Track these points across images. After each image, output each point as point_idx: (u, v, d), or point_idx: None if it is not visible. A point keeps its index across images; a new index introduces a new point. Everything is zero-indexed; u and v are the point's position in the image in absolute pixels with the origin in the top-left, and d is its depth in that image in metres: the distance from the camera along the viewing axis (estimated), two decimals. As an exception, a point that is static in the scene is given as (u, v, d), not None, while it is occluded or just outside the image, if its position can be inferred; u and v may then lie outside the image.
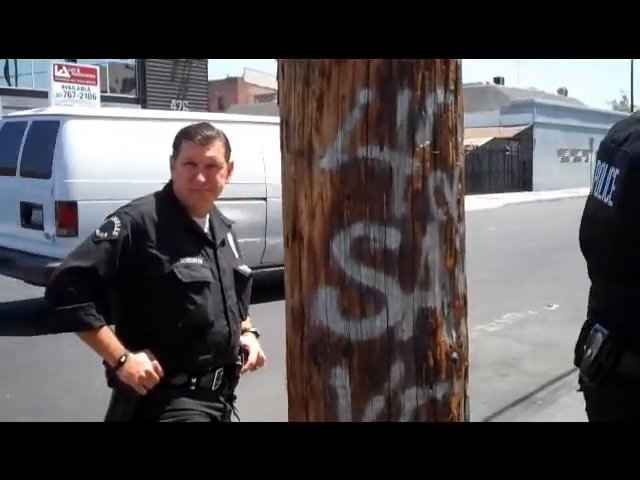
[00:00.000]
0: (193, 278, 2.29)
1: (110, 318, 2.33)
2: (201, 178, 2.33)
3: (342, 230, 1.67)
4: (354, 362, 1.70)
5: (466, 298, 1.83)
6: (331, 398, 1.74)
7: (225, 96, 64.05)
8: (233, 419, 2.46)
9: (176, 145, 2.39)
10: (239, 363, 2.45)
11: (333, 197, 1.67)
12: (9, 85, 29.00)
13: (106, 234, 2.26)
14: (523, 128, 33.85)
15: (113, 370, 2.25)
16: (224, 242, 2.46)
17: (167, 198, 2.40)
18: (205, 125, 2.42)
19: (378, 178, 1.64)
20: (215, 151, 2.37)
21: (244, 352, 2.49)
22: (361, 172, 1.65)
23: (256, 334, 2.61)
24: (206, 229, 2.42)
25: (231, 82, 66.18)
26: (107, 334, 2.25)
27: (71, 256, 2.29)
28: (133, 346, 2.27)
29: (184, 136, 2.37)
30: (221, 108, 61.53)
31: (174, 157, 2.39)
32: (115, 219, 2.29)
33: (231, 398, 2.45)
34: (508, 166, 34.40)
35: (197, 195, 2.36)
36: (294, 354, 1.81)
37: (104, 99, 26.31)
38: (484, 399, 4.89)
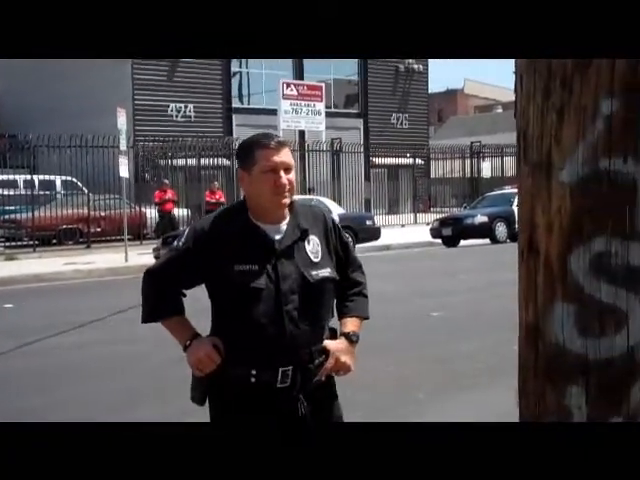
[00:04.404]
0: (243, 285, 2.47)
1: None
2: (285, 181, 2.51)
3: (581, 245, 1.62)
4: (591, 381, 1.64)
5: None
6: (566, 418, 1.69)
7: (445, 108, 64.03)
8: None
9: (247, 155, 2.55)
10: (311, 366, 2.54)
11: (573, 210, 1.62)
12: (242, 104, 30.87)
13: (176, 244, 2.60)
14: None
15: None
16: (292, 247, 2.55)
17: (235, 209, 2.62)
18: (267, 133, 2.64)
19: (621, 191, 1.58)
20: (288, 154, 2.56)
21: (326, 356, 2.58)
22: (603, 185, 1.59)
23: (350, 339, 2.64)
24: (279, 235, 2.55)
25: (450, 94, 66.03)
26: (178, 323, 2.60)
27: (156, 262, 2.71)
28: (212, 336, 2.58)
29: (257, 145, 2.54)
30: (440, 120, 61.56)
31: (247, 168, 2.54)
32: (186, 231, 2.62)
33: (317, 399, 2.55)
34: None
35: (280, 199, 2.52)
36: (527, 370, 1.78)
37: (328, 115, 27.28)
38: None
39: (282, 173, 2.51)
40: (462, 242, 20.76)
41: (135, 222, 20.83)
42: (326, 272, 2.58)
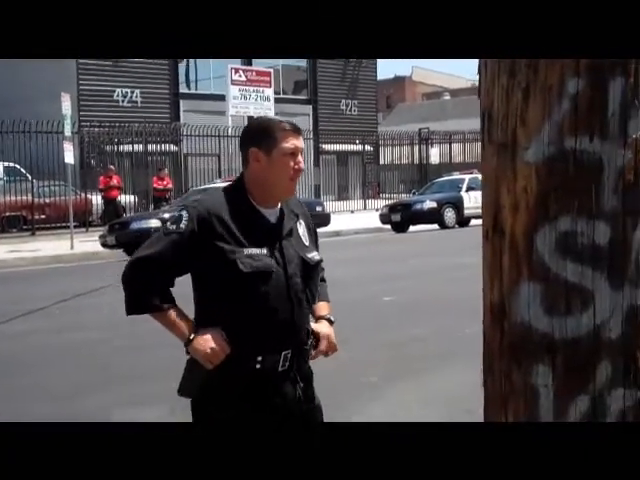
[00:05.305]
0: (255, 268, 2.41)
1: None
2: (302, 165, 2.51)
3: (547, 224, 1.62)
4: (558, 360, 1.65)
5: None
6: (532, 397, 1.69)
7: (393, 95, 64.24)
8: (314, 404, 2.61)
9: (267, 136, 2.47)
10: (306, 347, 2.57)
11: (539, 190, 1.62)
12: (189, 90, 30.50)
13: (175, 227, 2.43)
14: None
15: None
16: (291, 231, 2.56)
17: (235, 192, 2.52)
18: (274, 117, 2.64)
19: (587, 170, 1.59)
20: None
21: (315, 338, 2.61)
22: (569, 164, 1.59)
23: (330, 321, 2.70)
24: (275, 219, 2.53)
25: (399, 81, 66.28)
26: (176, 314, 2.46)
27: (142, 247, 2.51)
28: (208, 326, 2.44)
29: (277, 127, 2.48)
30: (389, 107, 61.80)
31: (267, 149, 2.46)
32: (184, 212, 2.44)
33: (306, 379, 2.57)
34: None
35: (293, 184, 2.53)
36: (492, 350, 1.78)
37: (277, 101, 27.12)
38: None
39: (300, 158, 2.50)
40: (411, 227, 20.91)
41: (81, 209, 20.55)
42: (317, 255, 2.63)
